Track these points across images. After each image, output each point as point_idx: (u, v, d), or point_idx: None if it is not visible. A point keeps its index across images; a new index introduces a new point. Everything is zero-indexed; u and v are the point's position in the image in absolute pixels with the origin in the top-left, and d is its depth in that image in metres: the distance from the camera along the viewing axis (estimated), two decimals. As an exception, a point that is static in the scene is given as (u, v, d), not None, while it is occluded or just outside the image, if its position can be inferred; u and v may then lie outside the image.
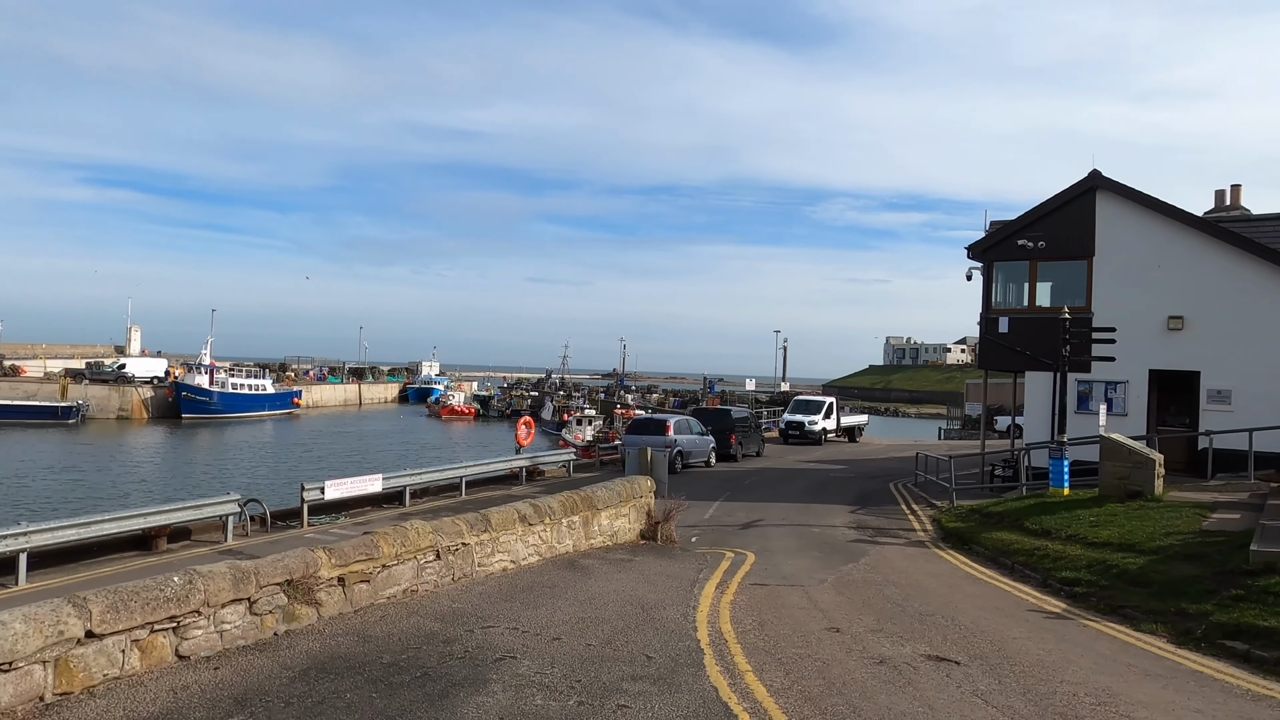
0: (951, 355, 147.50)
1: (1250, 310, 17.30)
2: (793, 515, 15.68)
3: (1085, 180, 19.23)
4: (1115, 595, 8.60)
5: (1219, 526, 10.13)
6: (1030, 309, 19.62)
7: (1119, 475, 13.00)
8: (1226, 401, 17.14)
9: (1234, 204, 26.55)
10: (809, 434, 34.59)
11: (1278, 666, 6.24)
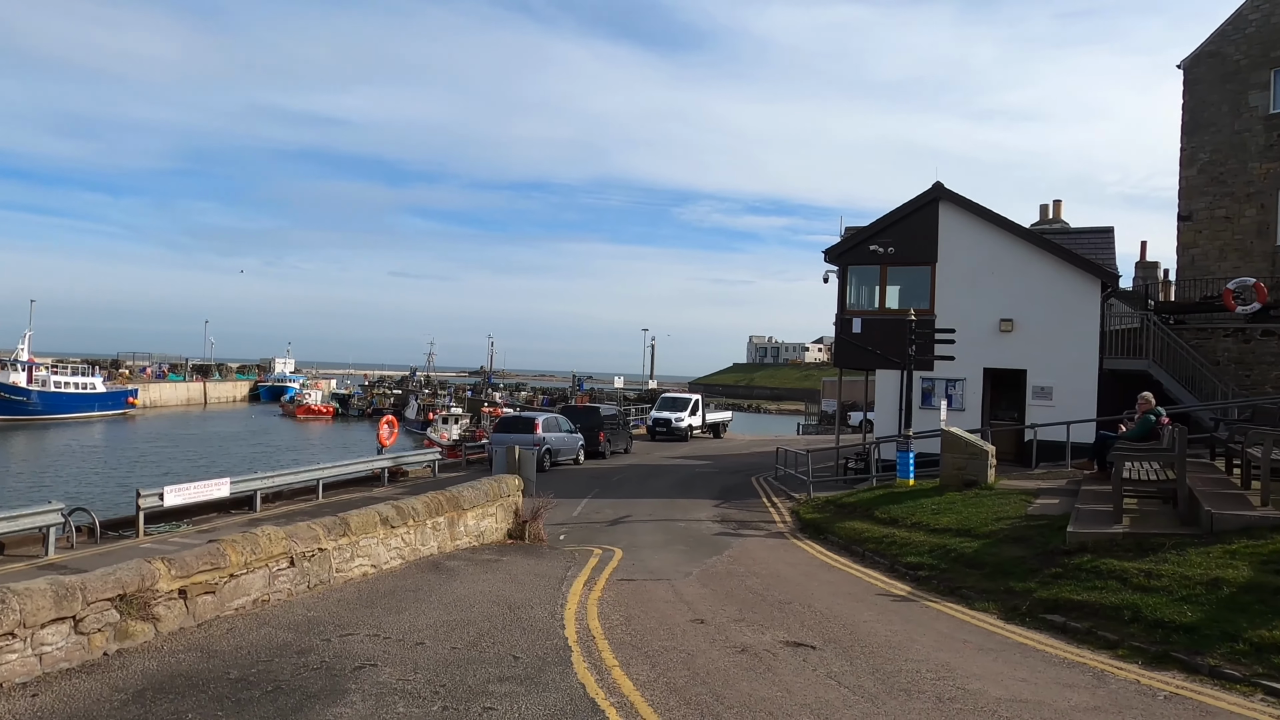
0: (810, 354, 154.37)
1: (1068, 314, 19.09)
2: (659, 511, 15.95)
3: (929, 191, 20.60)
4: (954, 577, 9.27)
5: (1041, 511, 11.10)
6: (880, 311, 20.82)
7: (957, 466, 14.01)
8: (1048, 397, 18.84)
9: (1055, 217, 29.19)
10: (675, 431, 35.30)
11: (1088, 635, 6.92)
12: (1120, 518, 9.34)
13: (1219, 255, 23.99)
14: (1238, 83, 23.91)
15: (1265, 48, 23.57)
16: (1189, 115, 24.95)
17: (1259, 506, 8.78)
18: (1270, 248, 23.14)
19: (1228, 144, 24.09)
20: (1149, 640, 6.52)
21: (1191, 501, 9.38)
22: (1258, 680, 5.64)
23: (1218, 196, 24.24)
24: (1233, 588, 6.88)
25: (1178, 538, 8.40)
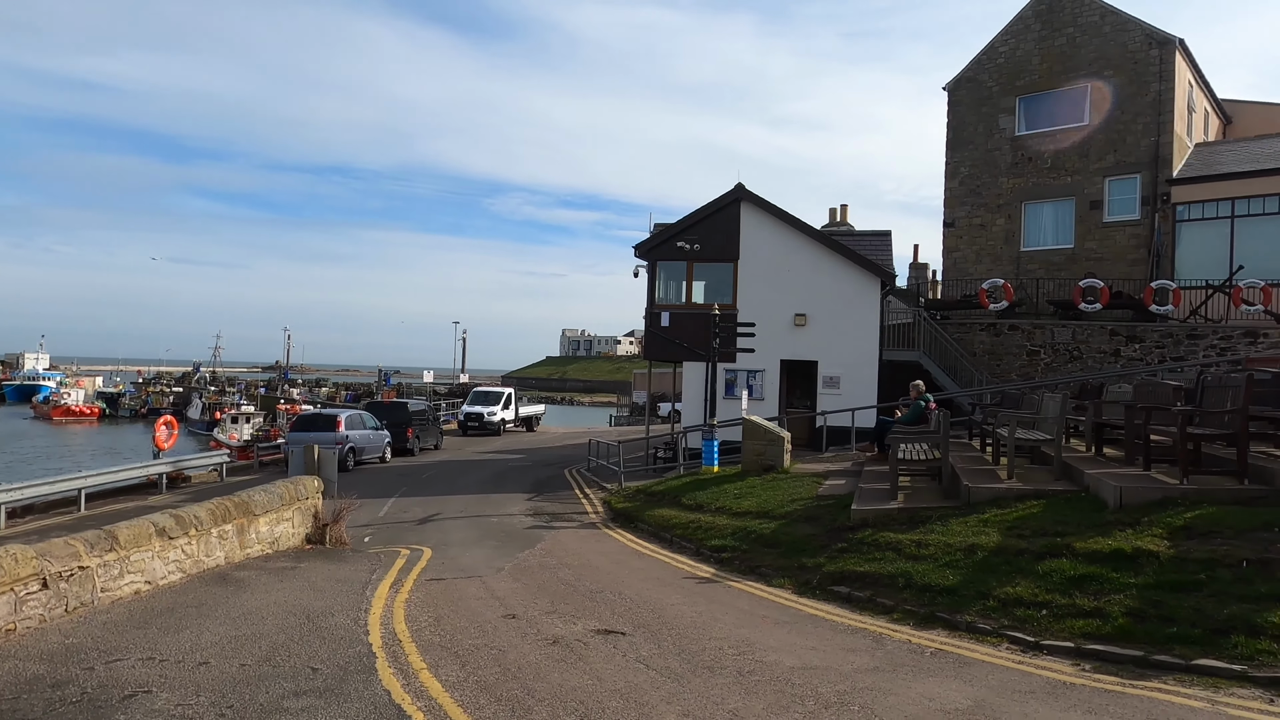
0: (621, 346, 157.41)
1: (853, 309, 20.77)
2: (471, 507, 15.66)
3: (732, 192, 21.62)
4: (753, 557, 9.83)
5: (830, 491, 12.03)
6: (688, 305, 21.62)
7: (757, 452, 14.86)
8: (837, 386, 20.42)
9: (843, 220, 31.64)
10: (488, 425, 34.77)
11: (869, 603, 7.59)
12: (896, 495, 10.32)
13: (976, 259, 27.06)
14: (990, 106, 27.03)
15: (1011, 77, 26.81)
16: (952, 133, 27.89)
17: (1005, 480, 10.02)
18: (1015, 253, 26.41)
19: (983, 160, 27.19)
20: (919, 604, 7.25)
21: (954, 477, 10.54)
22: (1004, 631, 6.44)
23: (975, 207, 27.31)
24: (985, 552, 7.80)
25: (943, 510, 9.40)
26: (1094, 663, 5.72)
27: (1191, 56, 25.14)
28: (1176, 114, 24.32)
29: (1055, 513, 8.43)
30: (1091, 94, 25.16)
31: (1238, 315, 20.56)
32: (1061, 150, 25.62)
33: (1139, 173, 24.35)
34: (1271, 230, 22.37)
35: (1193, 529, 7.10)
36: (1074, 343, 21.64)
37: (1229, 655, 5.40)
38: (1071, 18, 25.83)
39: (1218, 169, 23.94)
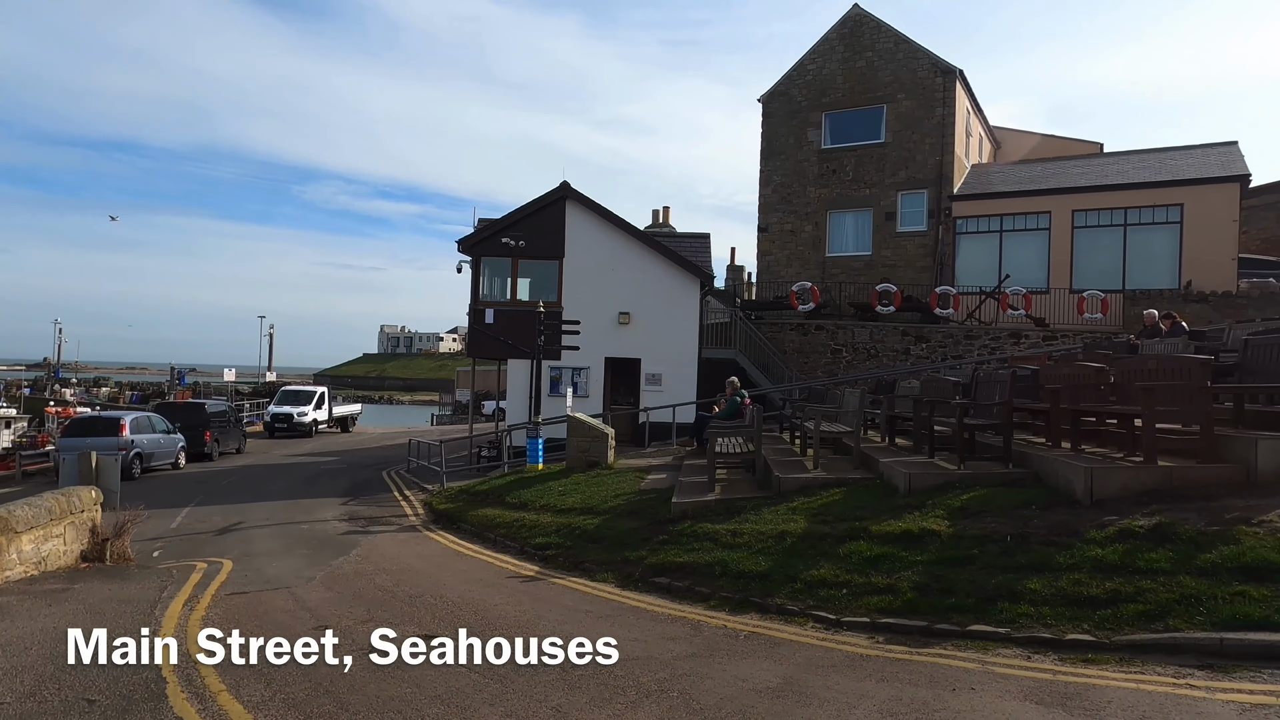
0: (444, 344, 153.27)
1: (675, 309, 21.43)
2: (279, 514, 14.67)
3: (557, 190, 21.65)
4: (578, 553, 9.90)
5: (652, 486, 12.34)
6: (513, 302, 21.41)
7: (581, 449, 14.98)
8: (659, 383, 20.99)
9: (665, 222, 32.53)
10: (298, 426, 32.73)
11: (688, 592, 7.87)
12: (713, 487, 10.77)
13: (787, 262, 28.72)
14: (800, 120, 28.77)
15: (819, 94, 28.66)
16: (766, 143, 29.40)
17: (811, 470, 10.73)
18: (822, 258, 28.28)
19: (793, 170, 28.89)
20: (734, 590, 7.61)
21: (766, 469, 11.15)
22: (810, 611, 6.89)
23: (786, 214, 28.95)
24: (794, 538, 8.31)
25: (756, 500, 9.92)
26: (887, 635, 6.26)
27: (969, 86, 28.03)
28: (957, 137, 27.03)
29: (855, 499, 9.13)
30: (887, 114, 27.42)
31: (1005, 319, 23.19)
32: (862, 164, 27.74)
33: (926, 188, 26.83)
34: (1033, 244, 25.40)
35: (968, 509, 7.93)
36: (872, 342, 23.50)
37: (996, 620, 6.08)
38: (870, 43, 28.01)
39: (989, 188, 26.88)
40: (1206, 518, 6.59)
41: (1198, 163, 24.91)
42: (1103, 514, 7.11)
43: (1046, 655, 5.49)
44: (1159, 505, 7.05)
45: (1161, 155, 26.36)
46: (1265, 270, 25.44)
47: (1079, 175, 26.11)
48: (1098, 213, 24.61)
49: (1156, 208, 23.90)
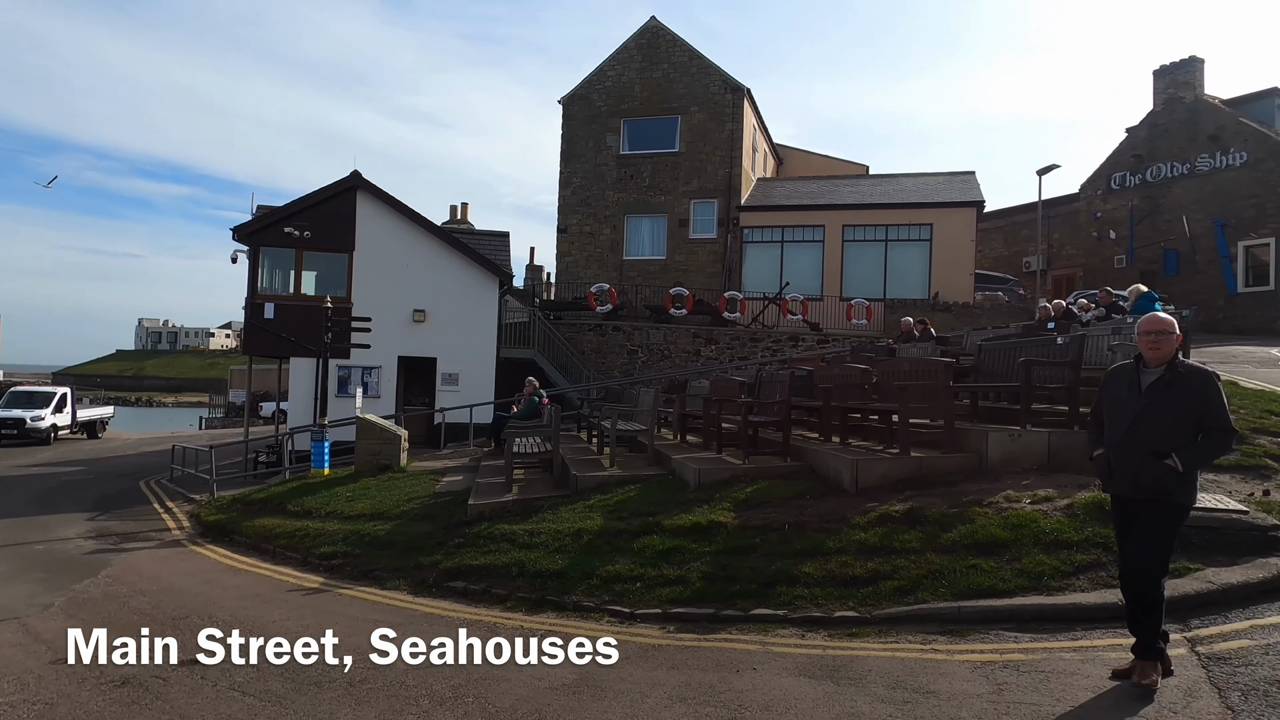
0: (216, 340, 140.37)
1: (473, 307, 21.04)
2: (6, 534, 12.71)
3: (348, 179, 20.54)
4: (367, 561, 9.45)
5: (448, 488, 12.04)
6: (296, 296, 20.04)
7: (372, 451, 14.31)
8: (456, 383, 20.52)
9: (463, 218, 31.88)
10: (33, 432, 28.58)
11: (485, 595, 7.76)
12: (511, 487, 10.70)
13: (586, 264, 29.13)
14: (600, 125, 29.28)
15: (617, 100, 29.33)
16: (566, 145, 29.65)
17: (608, 468, 10.96)
18: (620, 261, 28.97)
19: (593, 173, 29.34)
20: (531, 590, 7.60)
21: (564, 468, 11.24)
22: (605, 607, 7.04)
23: (585, 216, 29.35)
24: (590, 535, 8.45)
25: (554, 499, 9.97)
26: (678, 624, 6.53)
27: (756, 104, 29.90)
28: (745, 151, 28.73)
29: (649, 495, 9.44)
30: (681, 125, 28.61)
31: (786, 323, 24.97)
32: (658, 171, 28.73)
33: (716, 198, 28.27)
34: (809, 255, 27.56)
35: (751, 501, 8.46)
36: (665, 343, 24.42)
37: (775, 603, 6.54)
38: (667, 55, 29.08)
39: (773, 201, 28.83)
40: (949, 501, 7.48)
41: (944, 188, 28.23)
42: (866, 501, 7.86)
43: (818, 633, 5.98)
44: (911, 491, 7.91)
45: (915, 180, 29.59)
46: (995, 285, 29.35)
47: (849, 193, 28.69)
48: (864, 228, 27.17)
49: (911, 226, 26.80)
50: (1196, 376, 4.57)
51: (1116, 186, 33.28)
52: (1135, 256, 31.82)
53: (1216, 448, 4.67)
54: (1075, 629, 5.50)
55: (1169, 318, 4.74)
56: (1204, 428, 4.51)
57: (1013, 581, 6.13)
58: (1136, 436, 4.59)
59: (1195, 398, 4.51)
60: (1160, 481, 4.51)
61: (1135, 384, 4.69)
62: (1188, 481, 4.56)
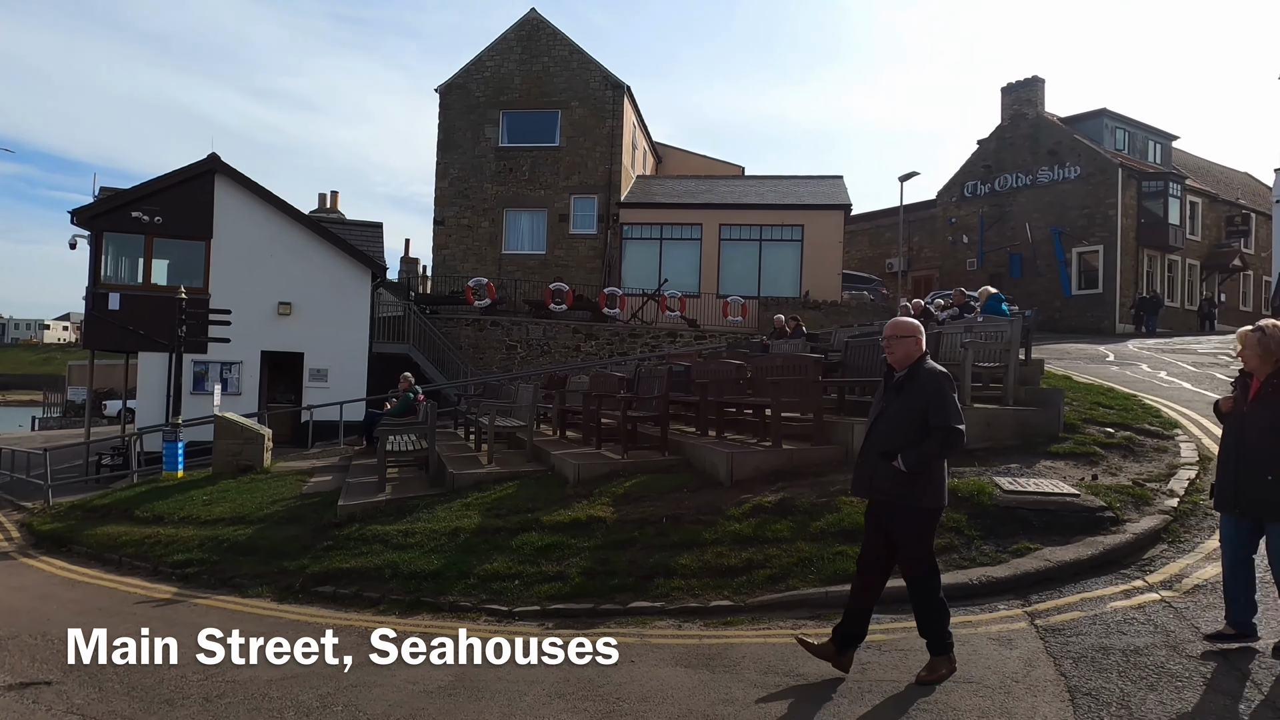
0: (52, 333, 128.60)
1: (343, 300, 20.22)
2: None
3: (205, 161, 19.29)
4: (227, 568, 8.91)
5: (316, 489, 11.53)
6: (146, 286, 18.68)
7: (232, 452, 13.51)
8: (324, 379, 19.67)
9: (333, 207, 30.58)
10: None
11: (355, 599, 7.48)
12: (384, 486, 10.35)
13: (464, 257, 28.56)
14: (478, 115, 28.75)
15: (497, 91, 28.89)
16: (443, 134, 28.95)
17: (486, 465, 10.79)
18: (499, 255, 28.57)
19: (471, 165, 28.79)
20: (405, 592, 7.39)
21: (440, 465, 10.98)
22: (483, 606, 6.93)
23: (463, 208, 28.77)
24: (467, 534, 8.29)
25: (429, 498, 9.72)
26: (557, 620, 6.51)
27: (636, 102, 30.15)
28: (625, 148, 28.92)
29: (528, 491, 9.36)
30: (562, 119, 28.49)
31: (664, 319, 25.35)
32: (538, 165, 28.50)
33: (596, 194, 28.34)
34: (687, 252, 28.06)
35: (630, 495, 8.54)
36: (545, 339, 24.28)
37: (653, 595, 6.63)
38: (547, 48, 28.88)
39: (652, 199, 29.17)
40: (817, 491, 7.81)
41: (814, 191, 29.40)
42: (741, 493, 8.09)
43: (695, 623, 6.11)
44: (784, 483, 8.20)
45: (788, 182, 30.67)
46: (861, 285, 30.86)
47: (726, 193, 29.41)
48: (740, 228, 27.93)
49: (783, 226, 27.76)
50: (928, 377, 4.51)
51: (969, 194, 35.69)
52: (985, 260, 34.23)
53: (938, 445, 4.43)
54: (931, 608, 5.87)
55: (908, 321, 4.75)
56: (931, 427, 4.42)
57: (875, 566, 6.47)
58: (870, 438, 4.65)
59: (923, 399, 4.45)
60: (887, 483, 4.49)
61: (883, 387, 4.81)
62: (920, 483, 4.45)
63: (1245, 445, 4.67)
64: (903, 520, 4.53)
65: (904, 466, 4.40)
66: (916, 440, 4.43)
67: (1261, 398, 4.64)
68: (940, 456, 4.52)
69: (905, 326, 4.67)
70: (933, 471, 4.51)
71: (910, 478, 4.42)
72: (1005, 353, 10.02)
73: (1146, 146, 34.67)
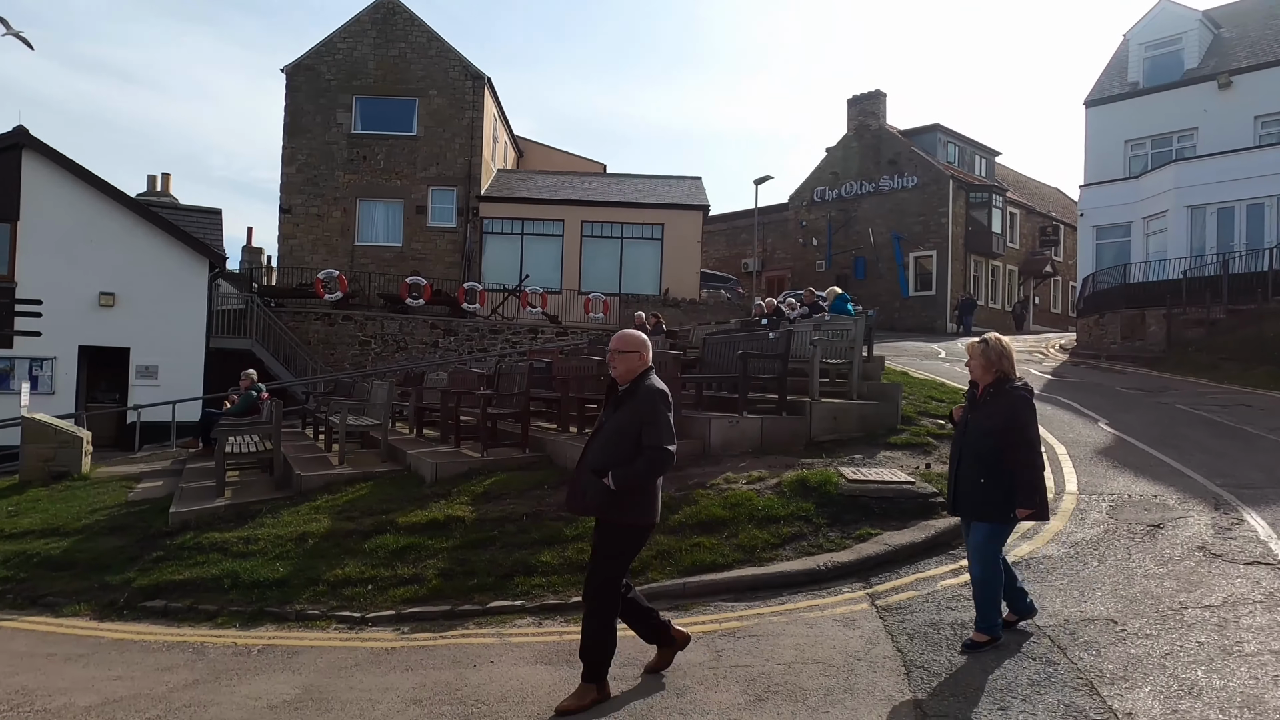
0: None
1: (176, 291, 18.75)
2: None
3: (10, 135, 17.40)
4: (36, 585, 8.06)
5: (144, 495, 10.64)
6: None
7: (44, 457, 12.24)
8: (154, 376, 18.17)
9: (165, 191, 28.28)
10: None
11: (190, 613, 6.96)
12: (223, 491, 9.69)
13: (313, 248, 27.17)
14: (329, 99, 27.42)
15: (349, 76, 27.66)
16: (290, 118, 27.41)
17: (338, 465, 10.32)
18: (351, 246, 27.38)
19: (321, 151, 27.42)
20: (246, 602, 6.94)
21: (287, 467, 10.39)
22: (333, 613, 6.62)
23: (312, 196, 27.37)
24: (316, 538, 7.90)
25: (274, 502, 9.19)
26: (413, 624, 6.31)
27: (497, 94, 29.68)
28: (485, 141, 28.42)
29: (382, 492, 9.03)
30: (419, 108, 27.64)
31: (525, 315, 25.12)
32: (394, 154, 27.51)
33: (456, 186, 27.71)
34: (549, 248, 27.93)
35: (490, 494, 8.41)
36: (401, 334, 23.49)
37: (513, 594, 6.56)
38: (404, 34, 27.92)
39: (513, 193, 28.83)
40: (676, 485, 7.98)
41: (674, 191, 30.00)
42: (601, 488, 8.14)
43: (555, 619, 6.09)
44: (643, 477, 8.31)
45: (649, 181, 31.13)
46: (718, 284, 31.80)
47: (588, 190, 29.49)
48: (602, 225, 28.09)
49: (644, 225, 28.17)
50: (645, 395, 4.35)
51: (818, 199, 37.54)
52: (833, 262, 36.13)
53: (646, 466, 4.26)
54: (782, 594, 6.13)
55: (634, 335, 4.59)
56: (643, 446, 4.27)
57: (731, 556, 6.68)
58: (585, 453, 4.50)
59: (639, 417, 4.32)
60: (597, 499, 4.34)
61: (604, 401, 4.66)
62: (630, 500, 4.31)
63: (965, 450, 4.93)
64: (608, 536, 4.41)
65: (613, 485, 4.24)
66: (629, 457, 4.26)
67: (981, 405, 4.92)
68: (649, 477, 4.32)
69: (630, 340, 4.52)
70: (645, 488, 4.37)
71: (619, 495, 4.27)
72: (850, 350, 10.62)
73: (974, 161, 37.70)
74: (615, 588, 4.47)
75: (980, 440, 4.82)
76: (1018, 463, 4.73)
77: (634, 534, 4.45)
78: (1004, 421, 4.75)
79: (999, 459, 4.75)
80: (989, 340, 4.96)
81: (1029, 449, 4.76)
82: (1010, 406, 4.77)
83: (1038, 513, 4.85)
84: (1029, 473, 4.73)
